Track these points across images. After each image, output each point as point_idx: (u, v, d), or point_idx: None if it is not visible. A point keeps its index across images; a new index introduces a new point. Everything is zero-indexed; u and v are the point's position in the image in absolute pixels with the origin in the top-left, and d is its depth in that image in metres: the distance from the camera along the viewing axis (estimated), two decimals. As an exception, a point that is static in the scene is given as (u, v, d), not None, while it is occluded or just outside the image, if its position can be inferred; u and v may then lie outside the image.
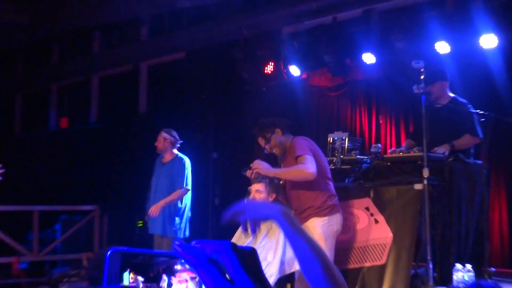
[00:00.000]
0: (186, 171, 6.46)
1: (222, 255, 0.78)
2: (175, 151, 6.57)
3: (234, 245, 0.81)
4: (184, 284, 1.04)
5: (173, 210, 6.44)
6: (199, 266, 0.80)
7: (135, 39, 9.95)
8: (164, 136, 6.51)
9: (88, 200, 9.22)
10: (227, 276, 0.77)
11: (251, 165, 4.99)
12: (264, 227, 5.10)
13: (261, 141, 5.21)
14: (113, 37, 10.30)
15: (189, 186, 6.47)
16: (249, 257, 0.80)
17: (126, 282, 1.13)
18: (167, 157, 6.59)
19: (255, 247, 4.90)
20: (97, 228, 9.06)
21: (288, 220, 1.69)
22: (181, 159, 6.51)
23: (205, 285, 0.80)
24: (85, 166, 10.26)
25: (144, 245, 7.82)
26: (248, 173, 5.22)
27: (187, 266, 1.10)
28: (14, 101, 12.42)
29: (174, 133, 6.56)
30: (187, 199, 6.51)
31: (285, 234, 1.23)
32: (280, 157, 5.35)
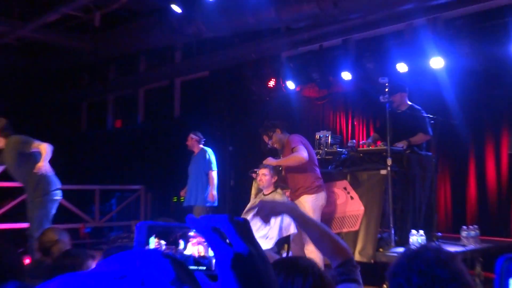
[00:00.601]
0: (209, 158, 6.62)
1: (222, 225, 0.79)
2: (201, 145, 6.71)
3: (230, 217, 0.82)
4: (196, 247, 1.06)
5: (202, 186, 6.59)
6: (205, 233, 0.81)
7: (171, 62, 9.97)
8: (191, 136, 6.73)
9: (136, 181, 9.27)
10: (227, 241, 0.78)
11: (264, 161, 5.04)
12: (268, 198, 5.10)
13: (265, 138, 5.23)
14: (155, 60, 10.32)
15: (214, 168, 6.62)
16: (243, 226, 0.81)
17: (152, 245, 1.16)
18: (195, 151, 6.79)
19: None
20: (142, 203, 9.13)
21: (296, 214, 1.73)
22: (205, 151, 6.69)
23: (211, 248, 0.80)
24: (134, 156, 10.31)
25: (177, 215, 7.85)
26: (254, 175, 5.27)
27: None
28: (81, 107, 12.48)
29: (199, 134, 6.77)
30: (215, 177, 6.64)
31: (297, 224, 1.24)
32: (280, 150, 5.36)
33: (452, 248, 4.40)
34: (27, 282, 1.87)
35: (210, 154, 6.67)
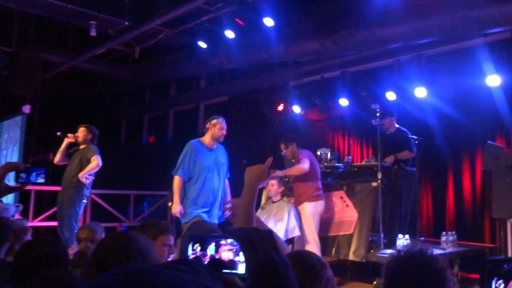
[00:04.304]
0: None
1: (253, 235, 0.84)
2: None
3: (258, 229, 0.85)
4: (226, 253, 1.04)
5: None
6: (239, 242, 0.85)
7: (197, 88, 10.01)
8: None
9: (165, 188, 9.26)
10: (256, 248, 0.81)
11: (271, 172, 4.97)
12: (275, 206, 5.07)
13: (282, 146, 5.19)
14: (183, 86, 10.38)
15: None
16: (269, 237, 0.85)
17: (189, 251, 1.13)
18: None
19: (270, 218, 4.87)
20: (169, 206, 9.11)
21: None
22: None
23: (243, 254, 0.85)
24: (164, 166, 10.30)
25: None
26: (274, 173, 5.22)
27: (228, 240, 1.10)
28: (121, 125, 12.56)
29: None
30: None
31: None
32: (288, 161, 5.32)
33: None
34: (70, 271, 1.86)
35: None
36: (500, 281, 0.90)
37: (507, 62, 5.22)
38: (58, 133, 5.36)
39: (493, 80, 5.36)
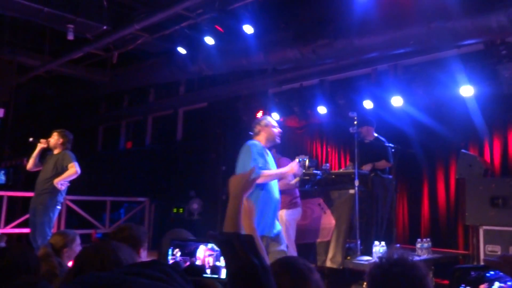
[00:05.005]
0: None
1: (233, 240, 0.84)
2: None
3: (240, 234, 0.86)
4: (207, 258, 1.02)
5: None
6: (220, 247, 0.84)
7: (176, 94, 9.95)
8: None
9: (141, 194, 9.15)
10: (237, 253, 0.81)
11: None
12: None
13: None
14: (162, 92, 10.31)
15: None
16: (250, 241, 0.84)
17: (169, 256, 1.10)
18: None
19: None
20: (147, 212, 8.98)
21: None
22: None
23: (224, 259, 0.84)
24: (141, 172, 10.21)
25: (176, 224, 7.74)
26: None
27: (209, 245, 1.09)
28: (98, 130, 12.38)
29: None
30: None
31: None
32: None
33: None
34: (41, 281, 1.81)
35: None
36: (468, 287, 0.92)
37: (480, 73, 5.35)
38: (31, 139, 5.27)
39: (467, 91, 5.49)
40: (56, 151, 5.20)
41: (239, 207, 1.49)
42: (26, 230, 6.29)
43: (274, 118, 7.53)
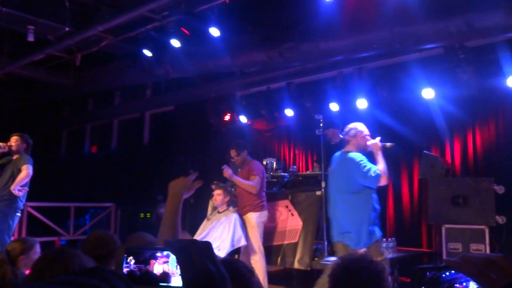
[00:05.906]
0: None
1: (190, 247, 0.82)
2: None
3: (196, 241, 0.84)
4: (162, 266, 1.00)
5: None
6: (176, 254, 0.84)
7: (142, 97, 9.80)
8: None
9: (108, 199, 8.94)
10: (193, 260, 0.79)
11: (222, 167, 4.95)
12: (221, 216, 5.01)
13: (233, 152, 5.15)
14: (128, 95, 10.13)
15: None
16: (206, 248, 0.83)
17: (124, 263, 1.08)
18: None
19: (215, 229, 4.80)
20: (113, 218, 8.78)
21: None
22: None
23: (180, 266, 0.84)
24: (107, 177, 9.98)
25: (142, 229, 7.59)
26: (214, 187, 5.17)
27: (164, 253, 1.07)
28: (61, 134, 12.05)
29: None
30: None
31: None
32: (235, 167, 5.29)
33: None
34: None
35: None
36: None
37: (440, 76, 5.51)
38: None
39: (428, 93, 5.64)
40: (15, 156, 5.02)
41: (178, 207, 1.50)
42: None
43: (242, 120, 7.60)
